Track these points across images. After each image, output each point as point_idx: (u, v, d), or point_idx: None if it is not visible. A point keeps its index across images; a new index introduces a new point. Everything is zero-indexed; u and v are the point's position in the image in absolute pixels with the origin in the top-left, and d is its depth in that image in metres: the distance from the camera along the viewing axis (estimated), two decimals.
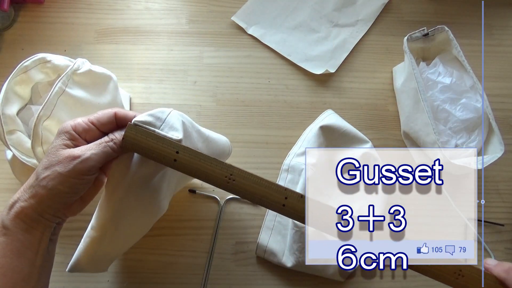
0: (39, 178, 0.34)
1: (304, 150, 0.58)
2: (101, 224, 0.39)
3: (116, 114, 0.37)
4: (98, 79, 0.53)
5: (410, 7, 0.73)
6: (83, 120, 0.36)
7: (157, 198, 0.42)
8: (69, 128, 0.35)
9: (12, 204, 0.34)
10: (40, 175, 0.34)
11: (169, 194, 0.45)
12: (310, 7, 0.72)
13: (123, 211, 0.39)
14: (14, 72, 0.49)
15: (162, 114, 0.38)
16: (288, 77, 0.67)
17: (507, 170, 0.62)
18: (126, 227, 0.41)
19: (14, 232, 0.33)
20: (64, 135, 0.35)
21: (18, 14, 0.68)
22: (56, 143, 0.35)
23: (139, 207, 0.40)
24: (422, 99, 0.56)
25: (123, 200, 0.38)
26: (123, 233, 0.41)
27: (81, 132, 0.36)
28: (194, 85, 0.65)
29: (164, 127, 0.37)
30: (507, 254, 0.57)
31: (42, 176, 0.34)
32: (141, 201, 0.40)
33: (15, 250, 0.33)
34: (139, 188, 0.38)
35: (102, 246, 0.41)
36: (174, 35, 0.69)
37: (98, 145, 0.35)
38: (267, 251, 0.54)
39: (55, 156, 0.34)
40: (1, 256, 0.33)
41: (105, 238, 0.40)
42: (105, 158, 0.35)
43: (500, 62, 0.69)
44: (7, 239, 0.33)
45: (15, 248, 0.33)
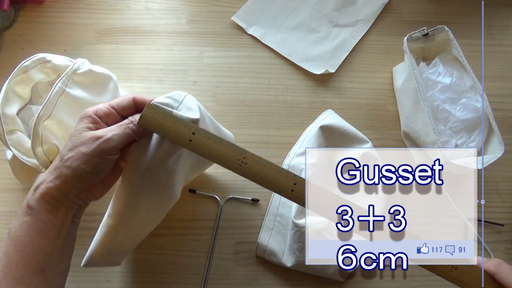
0: (63, 159, 0.35)
1: (304, 150, 0.58)
2: (118, 210, 0.40)
3: (135, 99, 0.39)
4: (98, 79, 0.53)
5: (410, 7, 0.73)
6: (104, 105, 0.38)
7: (172, 181, 0.42)
8: (91, 112, 0.37)
9: (37, 186, 0.36)
10: (64, 156, 0.35)
11: (182, 181, 0.46)
12: (310, 7, 0.72)
13: (139, 194, 0.40)
14: (14, 72, 0.49)
15: (179, 96, 0.39)
16: (288, 77, 0.67)
17: (507, 170, 0.62)
18: (141, 213, 0.42)
19: (38, 212, 0.34)
20: (87, 119, 0.37)
21: (18, 14, 0.68)
22: (78, 127, 0.36)
23: (154, 190, 0.41)
24: (422, 99, 0.56)
25: (139, 183, 0.39)
26: (138, 220, 0.42)
27: (102, 116, 0.37)
28: (194, 85, 0.65)
29: (182, 108, 0.39)
30: (507, 254, 0.57)
31: (66, 157, 0.35)
32: (157, 183, 0.41)
33: (38, 229, 0.34)
34: (155, 169, 0.39)
35: (119, 235, 0.42)
36: (174, 35, 0.69)
37: (119, 127, 0.37)
38: (267, 251, 0.54)
39: (78, 138, 0.35)
40: (25, 235, 0.34)
41: (122, 226, 0.41)
42: (126, 139, 0.37)
43: (500, 62, 0.69)
44: (31, 219, 0.34)
45: (39, 228, 0.34)
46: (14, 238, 0.34)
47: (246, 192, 0.59)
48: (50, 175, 0.36)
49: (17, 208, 0.57)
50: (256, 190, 0.59)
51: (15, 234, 0.34)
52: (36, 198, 0.35)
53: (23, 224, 0.34)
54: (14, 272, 0.33)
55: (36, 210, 0.35)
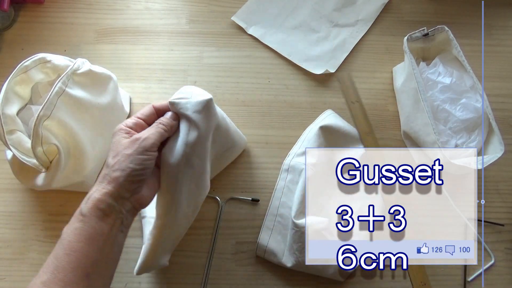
0: (110, 165, 0.38)
1: (304, 150, 0.58)
2: (163, 207, 0.44)
3: (154, 106, 0.44)
4: (98, 79, 0.53)
5: (410, 7, 0.73)
6: (130, 119, 0.43)
7: (203, 168, 0.46)
8: (122, 126, 0.41)
9: (90, 195, 0.38)
10: (110, 163, 0.39)
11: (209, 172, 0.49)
12: (310, 7, 0.72)
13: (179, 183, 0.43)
14: (14, 72, 0.49)
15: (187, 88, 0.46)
16: (288, 77, 0.67)
17: (507, 170, 0.62)
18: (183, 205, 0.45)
19: (89, 219, 0.37)
20: (120, 131, 0.41)
21: (18, 14, 0.68)
22: (115, 139, 0.40)
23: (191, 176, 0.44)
24: (422, 99, 0.56)
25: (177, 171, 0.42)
26: (181, 213, 0.45)
27: (132, 126, 0.42)
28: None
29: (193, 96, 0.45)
30: (507, 254, 0.57)
31: (113, 163, 0.38)
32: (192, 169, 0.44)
33: (88, 236, 0.36)
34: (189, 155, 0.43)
35: (166, 233, 0.45)
36: (174, 35, 0.69)
37: (152, 128, 0.41)
38: (267, 251, 0.54)
39: (119, 145, 0.39)
40: (75, 241, 0.36)
41: (168, 223, 0.44)
42: (160, 137, 0.41)
43: (500, 62, 0.69)
44: (83, 225, 0.36)
45: (88, 234, 0.36)
46: (65, 243, 0.36)
47: (246, 192, 0.59)
48: (101, 184, 0.38)
49: (17, 208, 0.57)
50: (256, 190, 0.59)
51: (66, 239, 0.36)
52: (89, 206, 0.37)
53: (75, 230, 0.36)
54: (63, 275, 0.35)
55: (88, 217, 0.37)
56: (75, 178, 0.53)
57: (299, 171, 0.57)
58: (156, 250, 0.46)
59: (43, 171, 0.50)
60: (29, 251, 0.55)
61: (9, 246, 0.55)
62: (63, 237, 0.37)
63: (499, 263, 0.56)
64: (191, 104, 0.43)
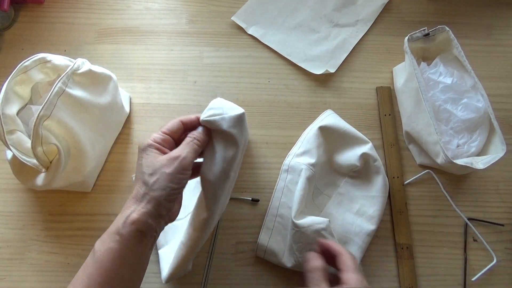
0: (149, 184, 0.38)
1: (304, 150, 0.58)
2: (202, 220, 0.44)
3: (182, 121, 0.43)
4: (98, 79, 0.53)
5: (410, 7, 0.73)
6: (157, 134, 0.42)
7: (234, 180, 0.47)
8: (151, 142, 0.41)
9: (128, 215, 0.37)
10: (149, 181, 0.38)
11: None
12: (310, 7, 0.72)
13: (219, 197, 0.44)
14: (14, 72, 0.49)
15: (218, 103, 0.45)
16: (288, 77, 0.67)
17: (507, 170, 0.62)
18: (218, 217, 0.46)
19: (127, 241, 0.36)
20: (149, 147, 0.40)
21: (18, 14, 0.68)
22: (147, 156, 0.40)
23: (228, 190, 0.45)
24: (423, 99, 0.56)
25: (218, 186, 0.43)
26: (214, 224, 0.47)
27: (160, 142, 0.41)
28: (194, 85, 0.65)
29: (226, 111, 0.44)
30: (507, 254, 0.57)
31: (152, 181, 0.38)
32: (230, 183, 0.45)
33: (123, 257, 0.36)
34: (228, 171, 0.43)
35: (200, 243, 0.46)
36: (174, 35, 0.69)
37: (187, 145, 0.41)
38: (267, 251, 0.54)
39: (156, 163, 0.39)
40: (109, 260, 0.36)
41: (206, 234, 0.45)
42: (195, 153, 0.41)
43: (500, 62, 0.69)
44: (119, 246, 0.36)
45: (124, 255, 0.36)
46: (99, 261, 0.36)
47: (246, 192, 0.59)
48: (140, 203, 0.38)
49: (17, 208, 0.57)
50: (256, 190, 0.59)
51: (99, 258, 0.36)
52: (127, 226, 0.37)
53: (109, 250, 0.36)
54: None
55: (125, 237, 0.36)
56: (75, 178, 0.53)
57: (299, 171, 0.57)
58: (189, 259, 0.47)
59: (43, 171, 0.50)
60: (29, 251, 0.55)
61: (9, 246, 0.55)
62: (97, 255, 0.36)
63: (499, 263, 0.56)
64: (225, 121, 0.43)
